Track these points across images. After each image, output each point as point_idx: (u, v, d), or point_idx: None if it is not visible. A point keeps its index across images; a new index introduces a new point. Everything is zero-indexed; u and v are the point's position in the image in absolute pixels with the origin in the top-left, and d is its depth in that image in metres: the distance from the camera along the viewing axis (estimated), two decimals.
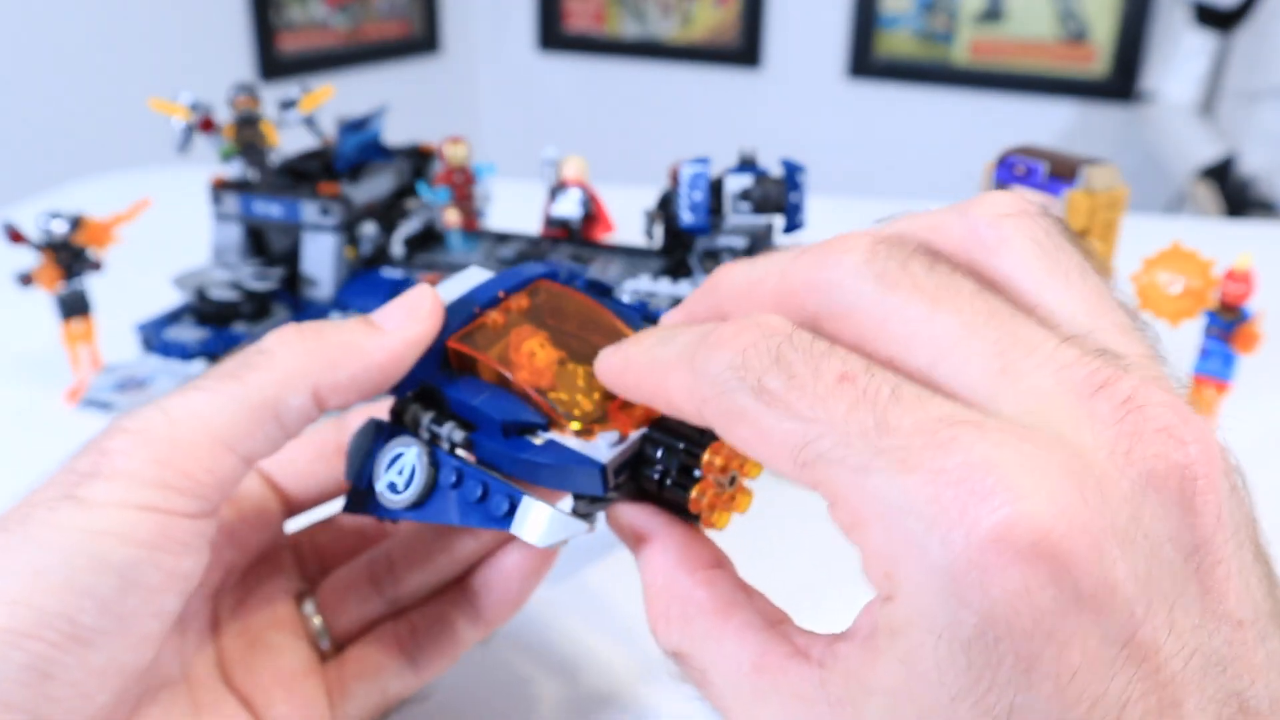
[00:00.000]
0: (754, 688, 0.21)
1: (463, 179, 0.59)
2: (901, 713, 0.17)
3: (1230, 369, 0.47)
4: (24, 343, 0.62)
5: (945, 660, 0.16)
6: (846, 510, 0.18)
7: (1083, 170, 0.44)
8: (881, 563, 0.17)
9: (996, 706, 0.16)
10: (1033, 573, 0.16)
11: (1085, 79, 2.10)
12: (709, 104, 2.43)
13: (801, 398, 0.18)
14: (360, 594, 0.31)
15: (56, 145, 1.65)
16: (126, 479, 0.24)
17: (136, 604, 0.23)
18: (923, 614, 0.16)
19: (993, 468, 0.16)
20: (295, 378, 0.25)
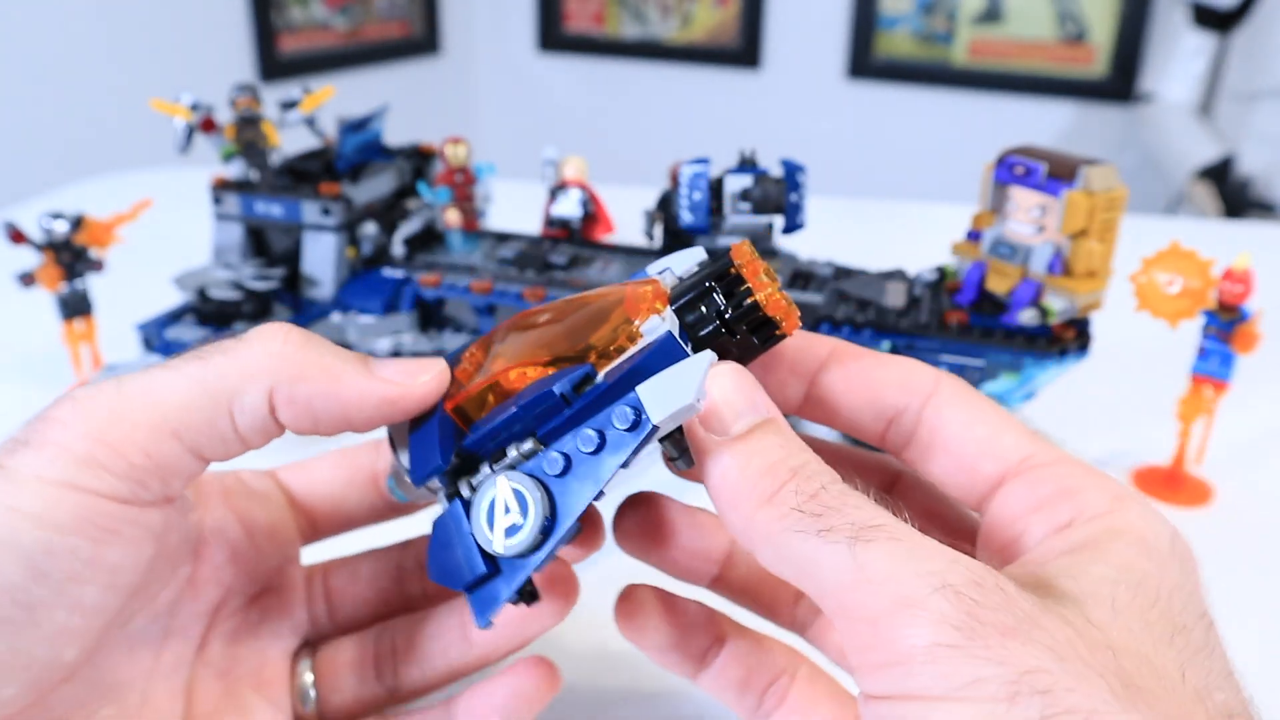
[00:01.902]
0: (910, 550, 0.20)
1: (463, 179, 0.59)
2: (1109, 576, 0.22)
3: (1229, 369, 0.47)
4: (25, 342, 0.62)
5: (1164, 558, 0.22)
6: (1073, 463, 0.25)
7: (1082, 171, 0.44)
8: (1110, 493, 0.24)
9: (1191, 596, 0.22)
10: (1180, 540, 0.24)
11: (1084, 80, 2.10)
12: (709, 104, 2.43)
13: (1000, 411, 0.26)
14: (361, 675, 0.29)
15: (58, 146, 1.65)
16: (55, 451, 0.22)
17: (45, 594, 0.21)
18: (1150, 529, 0.23)
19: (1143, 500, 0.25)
20: (259, 373, 0.23)
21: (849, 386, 0.27)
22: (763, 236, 0.52)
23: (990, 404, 0.26)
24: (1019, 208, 0.47)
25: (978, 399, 0.26)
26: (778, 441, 0.22)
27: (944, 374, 0.27)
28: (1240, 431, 0.54)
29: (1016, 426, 0.25)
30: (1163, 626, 0.21)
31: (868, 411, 0.27)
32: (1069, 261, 0.46)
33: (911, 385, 0.26)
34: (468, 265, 0.57)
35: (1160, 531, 0.23)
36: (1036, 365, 0.47)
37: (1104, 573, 0.21)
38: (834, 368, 0.27)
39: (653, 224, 0.58)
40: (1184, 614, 0.22)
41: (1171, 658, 0.20)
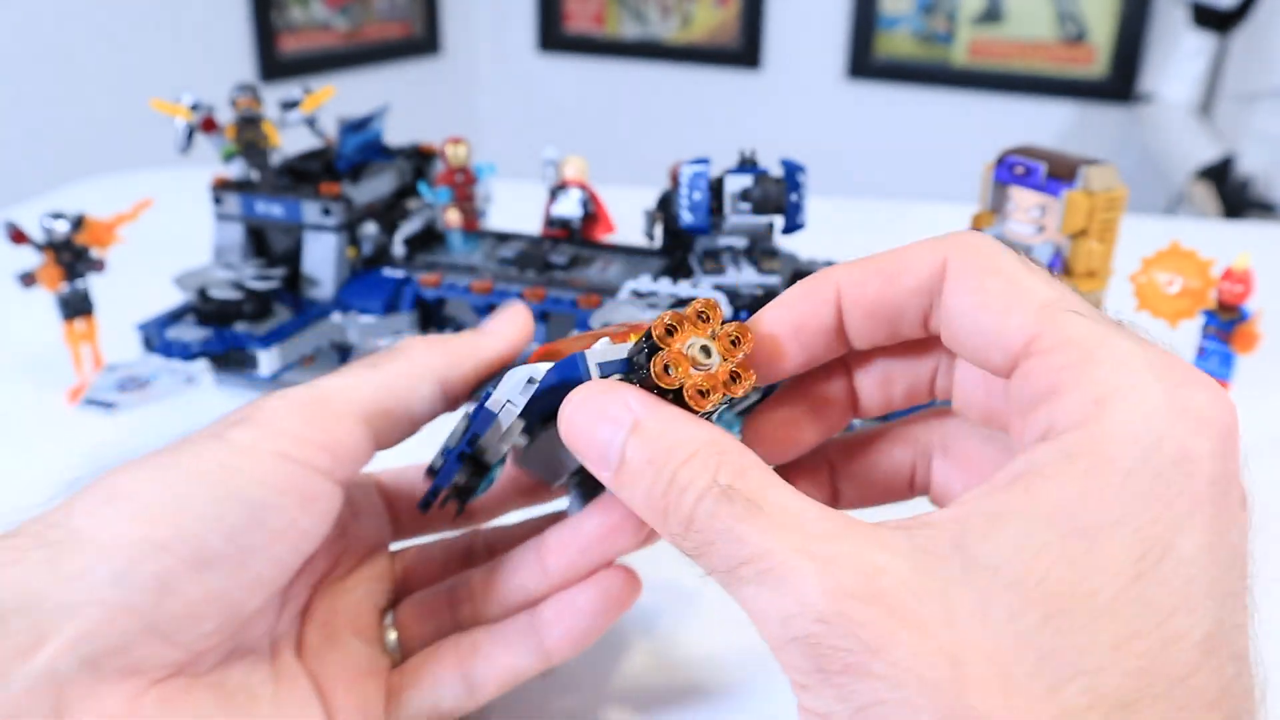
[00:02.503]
0: (825, 529, 0.20)
1: (463, 179, 0.59)
2: (1036, 537, 0.19)
3: (1229, 369, 0.47)
4: (26, 342, 0.62)
5: (1133, 476, 0.19)
6: (1076, 350, 0.20)
7: (1081, 171, 0.44)
8: (1098, 389, 0.20)
9: (1157, 540, 0.18)
10: (1230, 438, 0.20)
11: (1084, 80, 2.10)
12: (709, 104, 2.43)
13: (1060, 284, 0.22)
14: (437, 617, 0.32)
15: (59, 146, 1.65)
16: (271, 429, 0.26)
17: (257, 541, 0.25)
18: (1131, 433, 0.19)
19: (1202, 374, 0.21)
20: (426, 370, 0.29)
21: (869, 316, 0.24)
22: (763, 236, 0.52)
23: (1000, 271, 0.22)
24: (1019, 208, 0.47)
25: (986, 269, 0.22)
26: (646, 458, 0.22)
27: (951, 244, 0.23)
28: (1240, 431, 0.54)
29: (1027, 296, 0.22)
30: (1107, 611, 0.18)
31: (900, 329, 0.24)
32: (1069, 261, 0.46)
33: (920, 279, 0.23)
34: (468, 265, 0.57)
35: (1165, 438, 0.19)
36: None
37: (1010, 542, 0.19)
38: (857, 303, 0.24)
39: (653, 224, 0.58)
40: (1170, 581, 0.18)
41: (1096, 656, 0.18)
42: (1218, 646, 0.18)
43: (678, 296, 0.50)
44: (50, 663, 0.22)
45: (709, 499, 0.20)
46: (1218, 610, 0.19)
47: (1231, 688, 0.19)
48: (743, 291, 0.51)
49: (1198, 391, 0.20)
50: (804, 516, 0.20)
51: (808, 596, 0.19)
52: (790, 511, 0.20)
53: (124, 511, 0.24)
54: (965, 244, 0.23)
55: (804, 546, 0.19)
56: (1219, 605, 0.19)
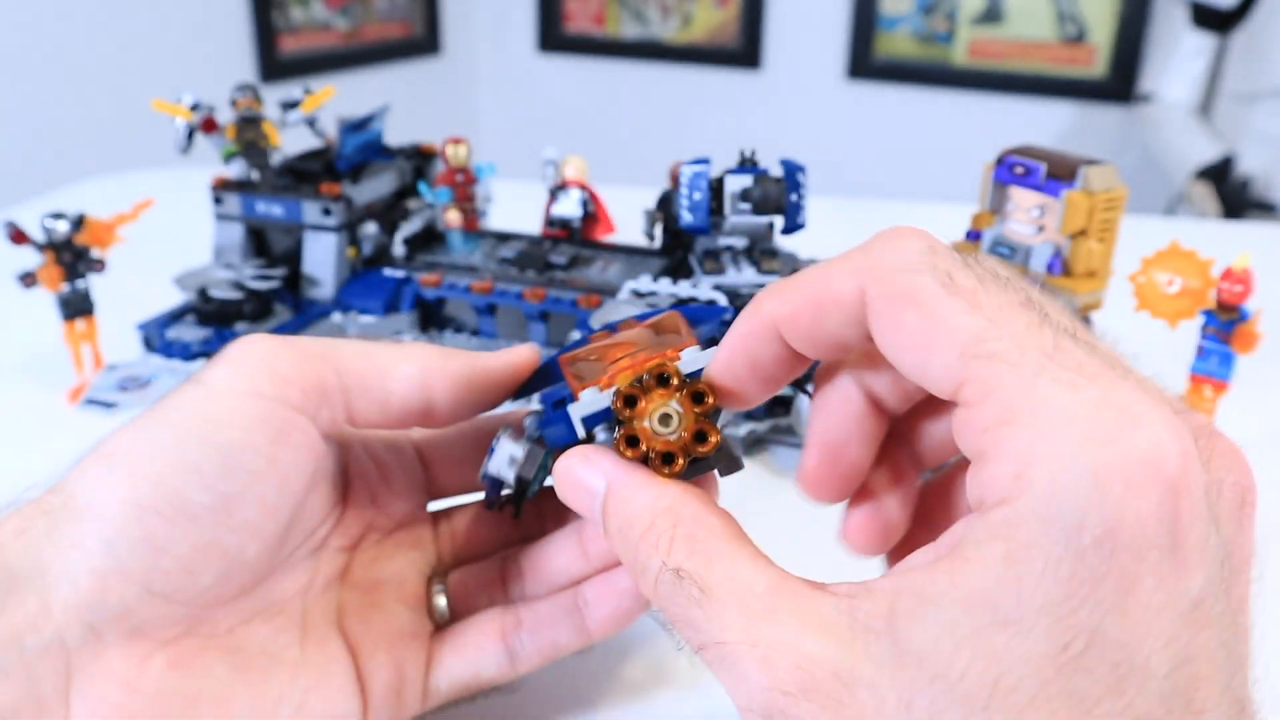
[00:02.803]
0: (766, 607, 0.20)
1: (464, 179, 0.59)
2: (959, 626, 0.18)
3: (1229, 369, 0.47)
4: (27, 342, 0.62)
5: (1054, 562, 0.17)
6: (995, 410, 0.19)
7: (1081, 171, 0.44)
8: (1017, 462, 0.18)
9: (1081, 628, 0.17)
10: (1179, 486, 0.18)
11: (1084, 80, 2.10)
12: (709, 105, 2.43)
13: (989, 301, 0.20)
14: (490, 592, 0.32)
15: (59, 146, 1.65)
16: (242, 366, 0.26)
17: (238, 486, 0.25)
18: (1050, 514, 0.18)
19: (1148, 409, 0.18)
20: (413, 354, 0.29)
21: (812, 344, 0.23)
22: (763, 236, 0.52)
23: (918, 302, 0.20)
24: (1019, 208, 0.47)
25: (902, 301, 0.20)
26: (616, 527, 0.23)
27: (868, 269, 0.21)
28: (1240, 431, 0.54)
29: (947, 335, 0.19)
30: (1029, 707, 0.17)
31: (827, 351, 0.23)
32: (1069, 261, 0.46)
33: (846, 311, 0.22)
34: (468, 265, 0.57)
35: (1088, 516, 0.17)
36: None
37: (932, 632, 0.18)
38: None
39: (653, 224, 0.58)
40: (1096, 669, 0.17)
41: None
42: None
43: (678, 296, 0.50)
44: (58, 630, 0.23)
45: (663, 583, 0.22)
46: (1157, 685, 0.18)
47: None
48: (743, 292, 0.51)
49: (1136, 436, 0.18)
50: (749, 595, 0.20)
51: (752, 690, 0.20)
52: (736, 591, 0.21)
53: (113, 474, 0.24)
54: (881, 269, 0.21)
55: (747, 633, 0.20)
56: (1162, 679, 0.18)
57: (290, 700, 0.27)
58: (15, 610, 0.23)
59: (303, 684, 0.27)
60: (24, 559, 0.23)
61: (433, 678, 0.30)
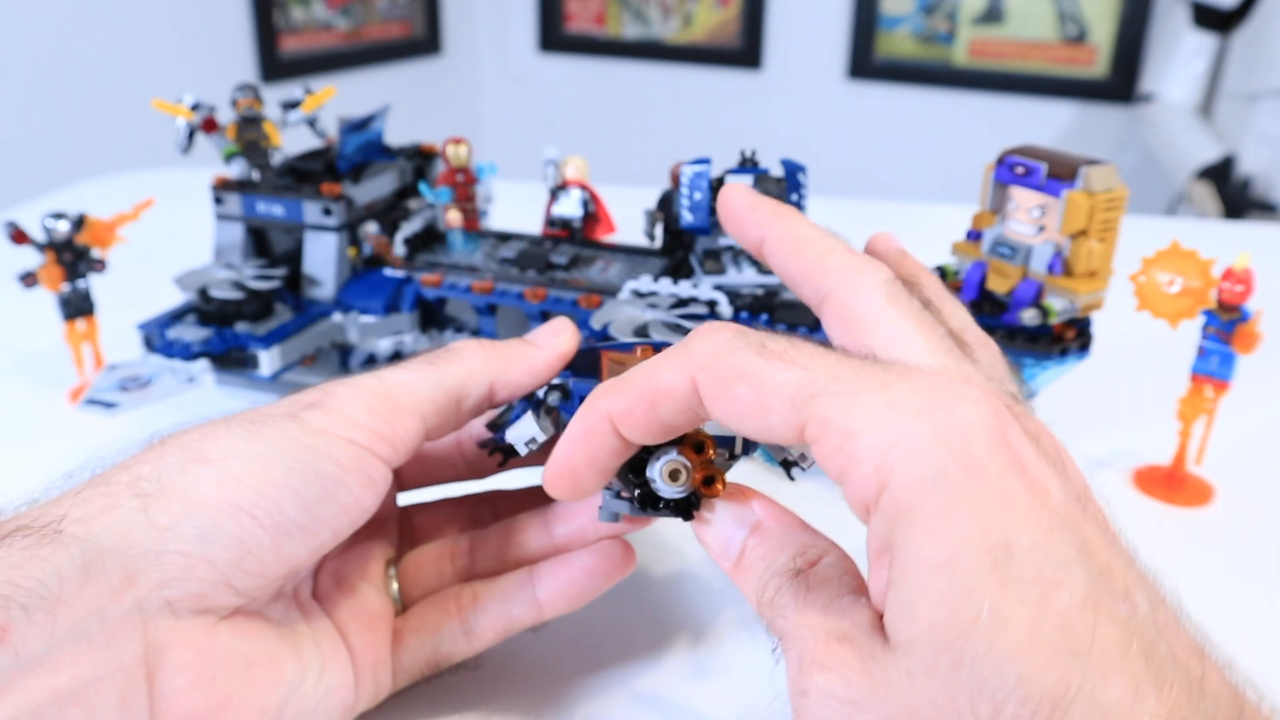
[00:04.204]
0: (832, 626, 0.23)
1: (464, 179, 0.59)
2: (922, 595, 0.20)
3: (1229, 369, 0.47)
4: (27, 342, 0.62)
5: (944, 509, 0.20)
6: (837, 432, 0.22)
7: (1082, 171, 0.44)
8: (872, 458, 0.21)
9: (998, 544, 0.20)
10: (996, 438, 0.21)
11: (1085, 80, 2.10)
12: (710, 105, 2.43)
13: (798, 355, 0.23)
14: (437, 568, 0.35)
15: (60, 146, 1.65)
16: (342, 415, 0.29)
17: (327, 514, 0.28)
18: (918, 476, 0.21)
19: (951, 384, 0.22)
20: (479, 373, 0.32)
21: (648, 435, 0.27)
22: None
23: (743, 375, 0.23)
24: (1019, 208, 0.47)
25: (729, 379, 0.24)
26: (759, 555, 0.26)
27: (694, 362, 0.24)
28: (1240, 431, 0.54)
29: (774, 393, 0.23)
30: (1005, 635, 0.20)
31: None
32: (1069, 261, 0.46)
33: (678, 403, 0.25)
34: (469, 265, 0.57)
35: (941, 462, 0.21)
36: (1037, 365, 0.47)
37: (894, 607, 0.21)
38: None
39: (654, 224, 0.58)
40: (1026, 572, 0.20)
41: None
42: (1099, 599, 0.20)
43: (678, 296, 0.50)
44: (138, 600, 0.25)
45: (782, 580, 0.25)
46: (1080, 570, 0.20)
47: (1132, 624, 0.20)
48: (743, 292, 0.51)
49: (951, 409, 0.21)
50: (834, 602, 0.24)
51: (803, 669, 0.23)
52: (827, 597, 0.24)
53: (212, 473, 0.27)
54: (706, 356, 0.24)
55: (817, 626, 0.23)
56: (1079, 565, 0.20)
57: (315, 665, 0.29)
58: (99, 580, 0.24)
59: (318, 653, 0.30)
60: (110, 534, 0.25)
61: (398, 657, 0.32)
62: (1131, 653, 0.19)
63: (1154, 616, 0.21)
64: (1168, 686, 0.19)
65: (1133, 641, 0.20)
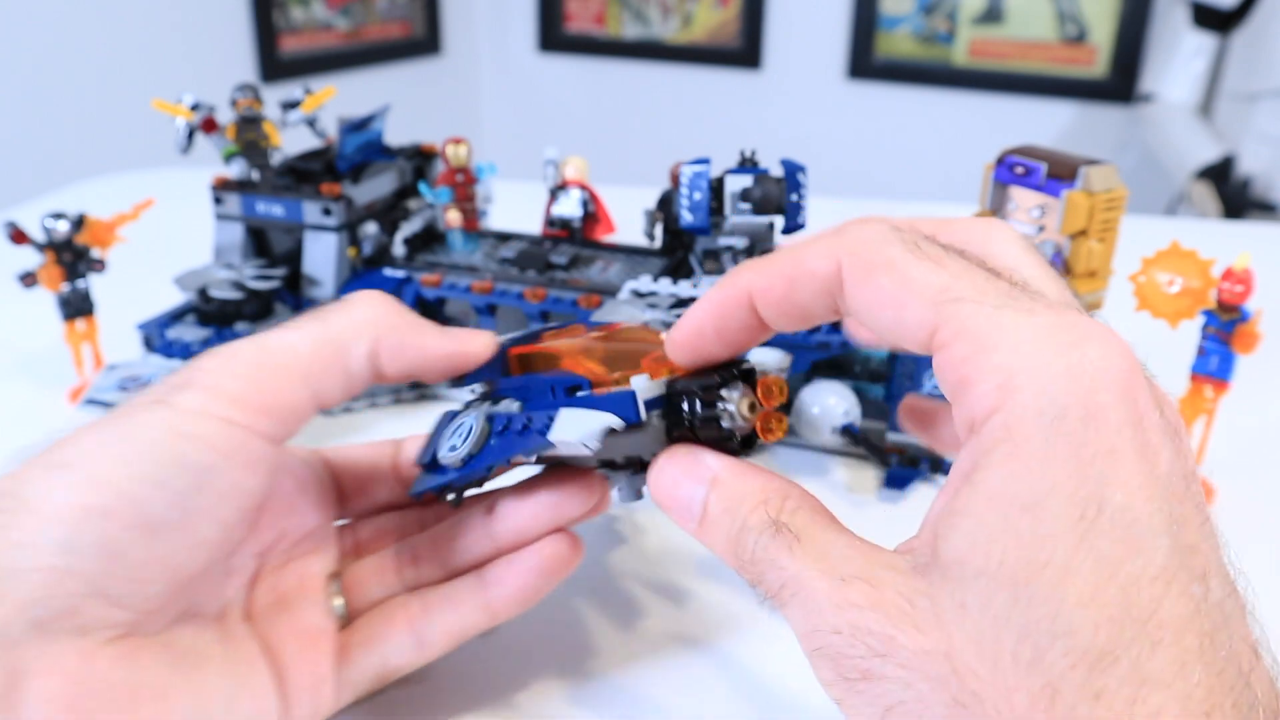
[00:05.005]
0: (846, 554, 0.23)
1: (464, 179, 0.59)
2: (987, 524, 0.20)
3: (1229, 368, 0.47)
4: (27, 342, 0.62)
5: (1051, 447, 0.20)
6: (969, 341, 0.21)
7: (1082, 171, 0.44)
8: (998, 375, 0.21)
9: (1089, 499, 0.20)
10: (1129, 380, 0.21)
11: (1084, 80, 2.10)
12: (709, 105, 2.43)
13: (950, 262, 0.23)
14: (383, 579, 0.33)
15: (60, 146, 1.65)
16: (214, 392, 0.27)
17: (202, 505, 0.26)
18: (1038, 407, 0.20)
19: (1096, 328, 0.22)
20: (364, 326, 0.30)
21: (780, 314, 0.26)
22: (763, 236, 0.52)
23: (891, 265, 0.23)
24: (1019, 208, 0.47)
25: (876, 266, 0.23)
26: (723, 508, 0.25)
27: (845, 243, 0.24)
28: (1240, 431, 0.54)
29: (917, 289, 0.22)
30: (1063, 576, 0.19)
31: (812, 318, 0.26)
32: (1069, 261, 0.46)
33: (819, 282, 0.24)
34: (469, 265, 0.57)
35: (1069, 404, 0.20)
36: None
37: (966, 536, 0.21)
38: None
39: (653, 224, 0.58)
40: (1112, 531, 0.20)
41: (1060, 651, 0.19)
42: (1175, 575, 0.20)
43: (678, 296, 0.50)
44: (3, 624, 0.23)
45: (765, 535, 0.24)
46: (1166, 541, 0.20)
47: (1201, 607, 0.20)
48: None
49: (1089, 348, 0.21)
50: (832, 546, 0.23)
51: (824, 611, 0.22)
52: (822, 543, 0.23)
53: (69, 479, 0.25)
54: (856, 241, 0.24)
55: (826, 570, 0.22)
56: (1166, 536, 0.20)
57: (221, 697, 0.27)
58: None
59: (230, 681, 0.28)
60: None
61: (344, 673, 0.31)
62: (1190, 631, 0.19)
63: (1224, 604, 0.20)
64: (1214, 670, 0.19)
65: (1195, 622, 0.20)
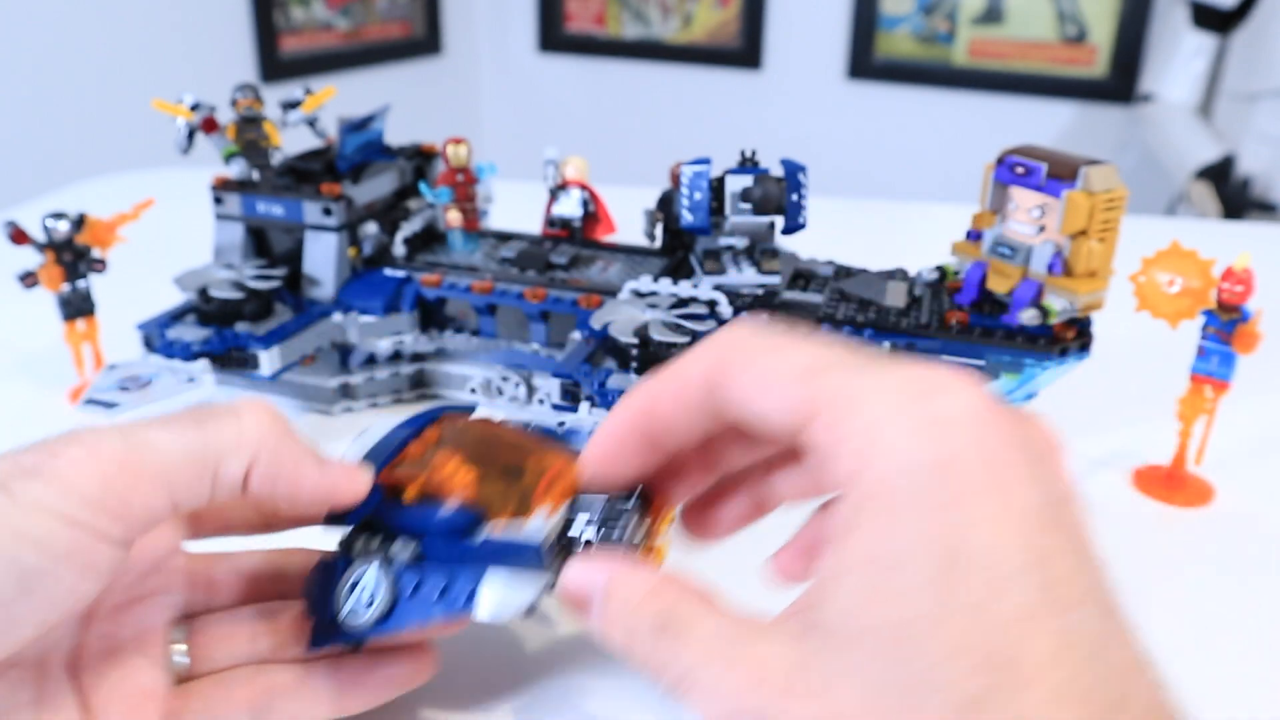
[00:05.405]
0: (731, 637, 0.24)
1: (464, 179, 0.59)
2: (860, 587, 0.21)
3: (1229, 369, 0.47)
4: (27, 342, 0.62)
5: (908, 502, 0.21)
6: (836, 407, 0.23)
7: (1082, 171, 0.44)
8: (859, 439, 0.22)
9: (947, 547, 0.20)
10: (981, 423, 0.22)
11: (1084, 80, 2.10)
12: (709, 105, 2.43)
13: (815, 340, 0.25)
14: (233, 645, 0.31)
15: (60, 146, 1.65)
16: (64, 486, 0.25)
17: (26, 609, 0.24)
18: (893, 466, 0.21)
19: (948, 378, 0.23)
20: (244, 444, 0.27)
21: (672, 424, 0.27)
22: (763, 236, 0.52)
23: (769, 349, 0.25)
24: (1019, 208, 0.47)
25: (756, 352, 0.25)
26: (617, 612, 0.26)
27: (724, 341, 0.26)
28: (1240, 431, 0.54)
29: (791, 365, 0.24)
30: (931, 628, 0.20)
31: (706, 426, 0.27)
32: (1069, 261, 0.46)
33: (704, 376, 0.26)
34: (469, 265, 0.57)
35: (920, 458, 0.21)
36: (1037, 365, 0.47)
37: (844, 598, 0.21)
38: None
39: (654, 224, 0.58)
40: (971, 577, 0.20)
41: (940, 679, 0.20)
42: (1039, 611, 0.20)
43: (678, 296, 0.50)
44: None
45: (654, 634, 0.25)
46: (1028, 579, 0.20)
47: (1071, 638, 0.20)
48: (743, 291, 0.51)
49: (941, 398, 0.22)
50: (717, 633, 0.24)
51: (717, 698, 0.23)
52: (706, 632, 0.24)
53: None
54: (728, 340, 0.26)
55: (713, 657, 0.23)
56: (1029, 573, 0.20)
57: None
58: None
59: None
60: None
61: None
62: (1059, 666, 0.20)
63: (1099, 629, 0.21)
64: (1088, 700, 0.20)
65: (1065, 655, 0.20)
